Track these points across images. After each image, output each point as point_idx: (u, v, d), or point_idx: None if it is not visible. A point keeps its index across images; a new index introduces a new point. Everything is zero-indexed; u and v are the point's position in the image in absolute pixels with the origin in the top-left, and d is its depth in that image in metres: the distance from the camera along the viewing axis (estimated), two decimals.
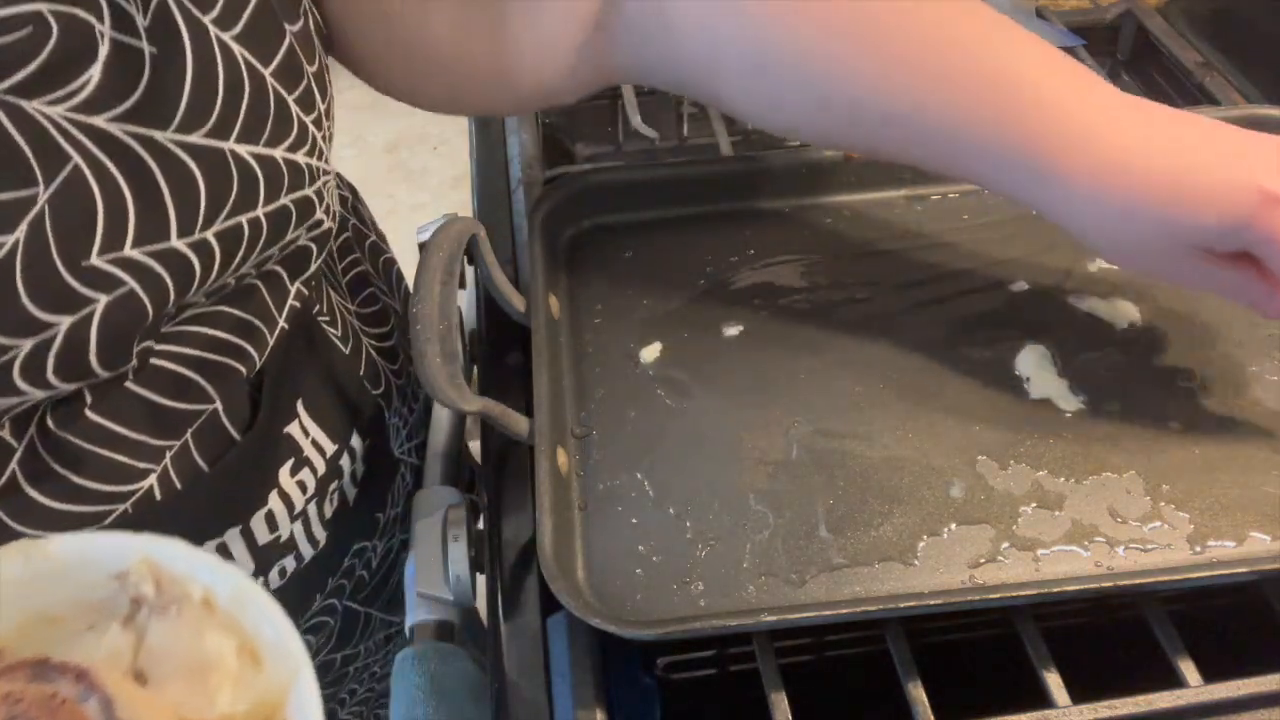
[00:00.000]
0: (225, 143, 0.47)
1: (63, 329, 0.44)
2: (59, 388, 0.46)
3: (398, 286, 0.79)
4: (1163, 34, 0.91)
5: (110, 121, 0.43)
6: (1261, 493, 0.57)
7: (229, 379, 0.55)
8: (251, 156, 0.48)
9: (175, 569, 0.42)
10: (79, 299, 0.44)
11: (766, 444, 0.61)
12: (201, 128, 0.46)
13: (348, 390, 0.66)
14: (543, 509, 0.55)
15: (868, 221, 0.74)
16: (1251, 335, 0.65)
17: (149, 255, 0.45)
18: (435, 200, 2.47)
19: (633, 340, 0.67)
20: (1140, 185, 0.52)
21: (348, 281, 0.70)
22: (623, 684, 0.56)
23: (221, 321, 0.54)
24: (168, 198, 0.45)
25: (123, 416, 0.51)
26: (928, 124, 0.55)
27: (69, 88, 0.42)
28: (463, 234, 0.63)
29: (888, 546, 0.55)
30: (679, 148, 0.93)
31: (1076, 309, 0.67)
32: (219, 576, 0.42)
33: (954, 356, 0.65)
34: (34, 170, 0.42)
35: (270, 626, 0.42)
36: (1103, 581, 0.52)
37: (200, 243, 0.47)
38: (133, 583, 0.42)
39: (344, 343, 0.65)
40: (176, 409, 0.53)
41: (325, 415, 0.63)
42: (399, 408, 0.74)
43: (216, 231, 0.48)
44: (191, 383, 0.53)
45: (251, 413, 0.57)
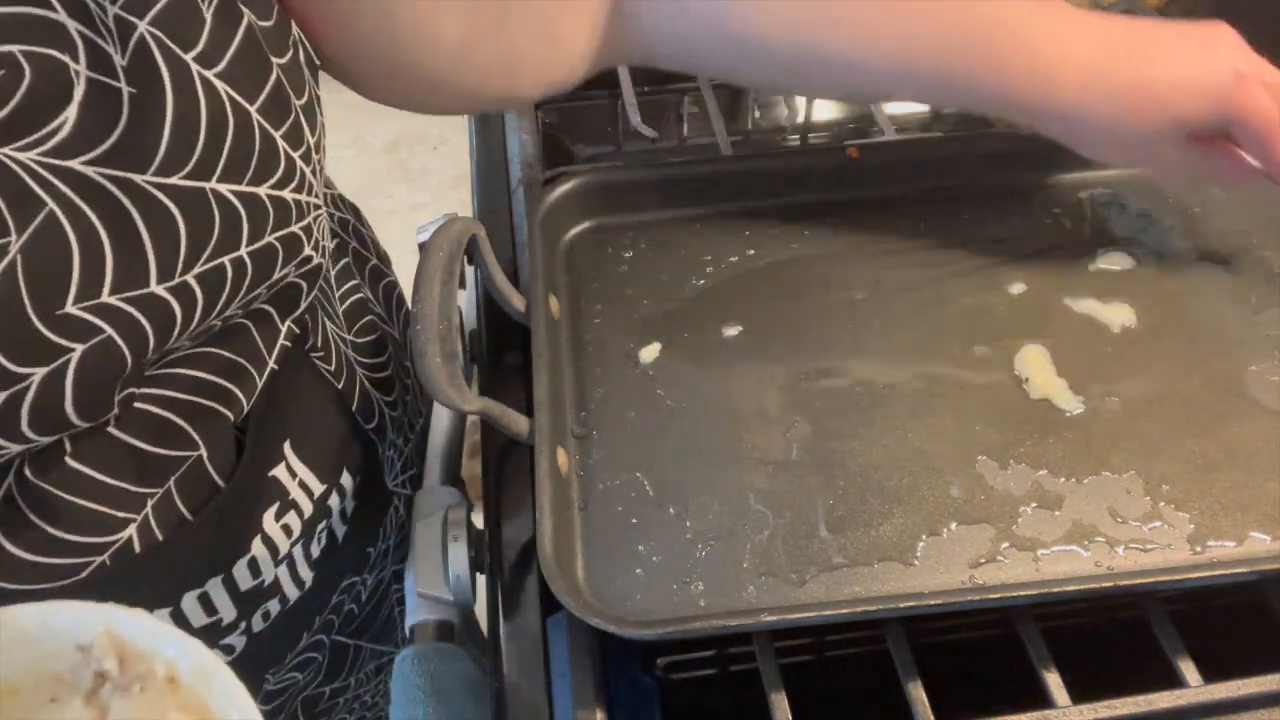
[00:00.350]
0: (207, 183, 0.45)
1: (36, 380, 0.42)
2: (35, 440, 0.44)
3: (398, 312, 0.77)
4: None
5: (86, 165, 0.41)
6: (1261, 493, 0.57)
7: (214, 423, 0.53)
8: (234, 195, 0.46)
9: (139, 643, 0.41)
10: (53, 349, 0.42)
11: (766, 444, 0.61)
12: (182, 169, 0.44)
13: (338, 427, 0.63)
14: (543, 509, 0.55)
15: (868, 221, 0.74)
16: (1250, 335, 0.65)
17: (127, 302, 0.44)
18: (435, 200, 2.47)
19: (633, 340, 0.67)
20: (1124, 91, 0.58)
21: (345, 310, 0.67)
22: (623, 684, 0.56)
23: (208, 363, 0.52)
24: (146, 242, 0.44)
25: (105, 464, 0.49)
26: (920, 77, 0.61)
27: (43, 131, 0.40)
28: (463, 234, 0.63)
29: (887, 546, 0.55)
30: (679, 148, 0.93)
31: (1075, 310, 0.67)
32: (183, 651, 0.41)
33: (954, 356, 0.65)
34: (4, 219, 0.40)
35: (236, 709, 0.40)
36: (1103, 581, 0.52)
37: (180, 286, 0.45)
38: (96, 656, 0.41)
39: (337, 377, 0.63)
40: (160, 455, 0.51)
41: (314, 455, 0.60)
42: (393, 440, 0.71)
43: (198, 274, 0.46)
44: (176, 428, 0.51)
45: (236, 457, 0.55)
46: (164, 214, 0.44)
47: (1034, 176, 0.76)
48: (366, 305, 0.70)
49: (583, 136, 0.94)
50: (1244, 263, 0.70)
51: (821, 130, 0.97)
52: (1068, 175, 0.76)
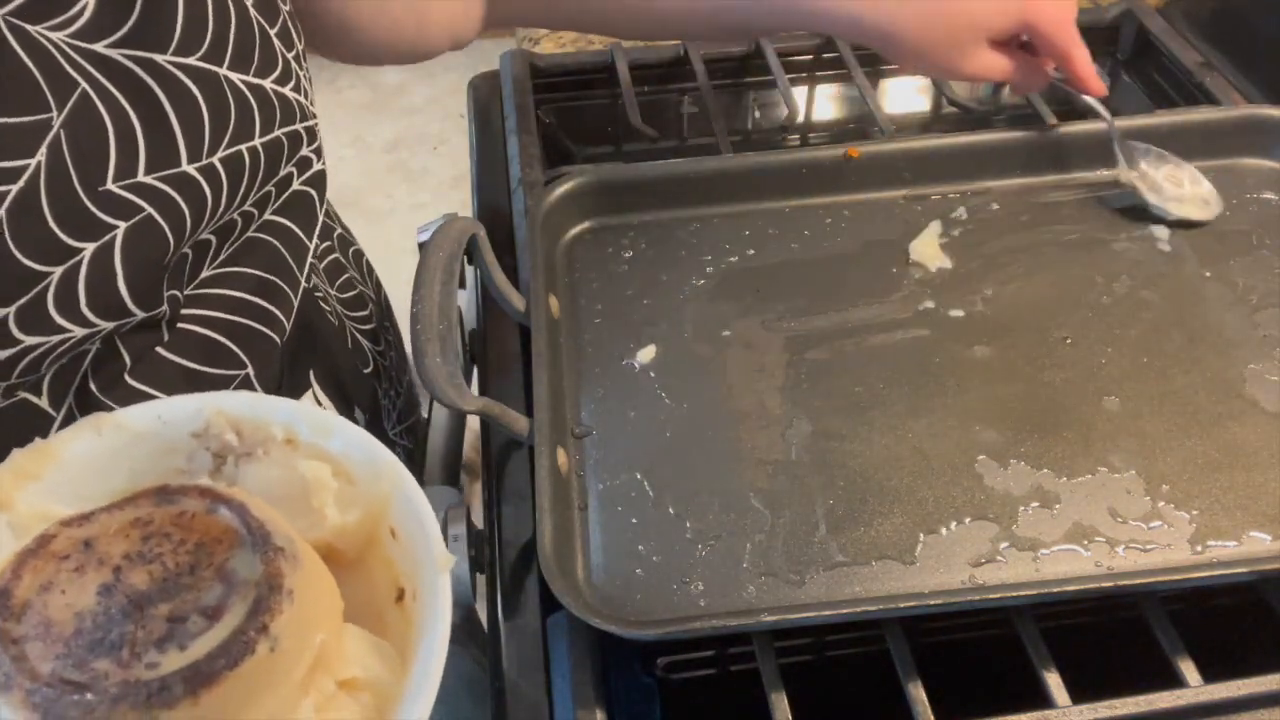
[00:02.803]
0: (220, 68, 0.49)
1: (88, 255, 0.45)
2: (96, 324, 0.47)
3: (369, 275, 0.82)
4: (1163, 34, 0.91)
5: (110, 47, 0.45)
6: (1261, 493, 0.57)
7: (258, 343, 0.57)
8: (245, 85, 0.51)
9: (253, 416, 0.44)
10: (100, 225, 0.45)
11: (766, 444, 0.61)
12: (197, 50, 0.48)
13: (344, 365, 0.68)
14: (543, 509, 0.55)
15: (868, 221, 0.74)
16: (1249, 336, 0.65)
17: (163, 181, 0.47)
18: (435, 200, 2.47)
19: (632, 341, 0.67)
20: (935, 4, 0.67)
21: (325, 268, 0.71)
22: (623, 684, 0.56)
23: (245, 283, 0.56)
24: (175, 123, 0.47)
25: (160, 381, 0.53)
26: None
27: (66, 14, 0.44)
28: (463, 234, 0.64)
29: (887, 546, 0.55)
30: (679, 148, 0.92)
31: (1076, 307, 0.67)
32: (296, 415, 0.44)
33: (954, 356, 0.65)
34: (46, 96, 0.43)
35: (358, 449, 0.44)
36: (1103, 581, 0.52)
37: (209, 168, 0.49)
38: (213, 435, 0.44)
39: (334, 321, 0.68)
40: (210, 374, 0.55)
41: (331, 386, 0.65)
42: (387, 388, 0.76)
43: (222, 158, 0.50)
44: (223, 348, 0.55)
45: (280, 379, 0.59)
46: (186, 95, 0.48)
47: (1034, 176, 0.76)
48: (343, 264, 0.75)
49: (583, 136, 0.94)
50: (1244, 263, 0.70)
51: (821, 130, 0.97)
52: (1068, 175, 0.76)
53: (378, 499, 0.43)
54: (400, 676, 0.40)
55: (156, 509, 0.39)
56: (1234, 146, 0.76)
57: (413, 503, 0.42)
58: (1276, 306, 0.66)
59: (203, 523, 0.39)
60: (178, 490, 0.40)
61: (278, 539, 0.38)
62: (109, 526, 0.39)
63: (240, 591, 0.37)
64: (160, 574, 0.37)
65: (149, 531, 0.38)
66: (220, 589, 0.37)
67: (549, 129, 0.92)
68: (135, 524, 0.39)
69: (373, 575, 0.44)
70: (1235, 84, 0.85)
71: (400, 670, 0.40)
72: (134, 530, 0.38)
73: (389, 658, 0.41)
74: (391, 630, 0.42)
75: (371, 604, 0.43)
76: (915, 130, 0.92)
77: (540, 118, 0.87)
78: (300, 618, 0.37)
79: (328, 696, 0.38)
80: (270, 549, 0.38)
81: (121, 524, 0.39)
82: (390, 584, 0.43)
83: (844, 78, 0.91)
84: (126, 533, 0.38)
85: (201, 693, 0.34)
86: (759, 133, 0.98)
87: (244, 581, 0.37)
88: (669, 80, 0.93)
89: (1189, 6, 0.95)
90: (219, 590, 0.37)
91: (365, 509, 0.43)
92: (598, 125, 0.94)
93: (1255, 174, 0.76)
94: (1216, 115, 0.77)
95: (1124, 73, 0.95)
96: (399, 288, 0.78)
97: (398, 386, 0.80)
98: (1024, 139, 0.76)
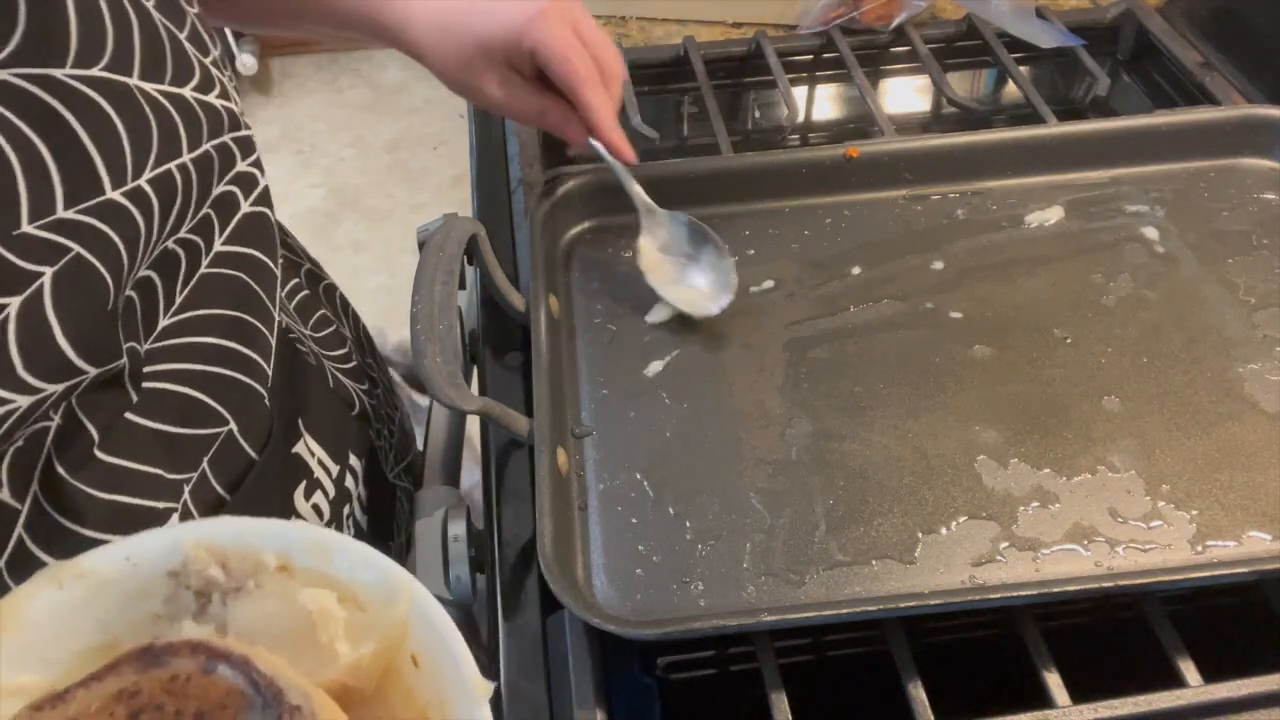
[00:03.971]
0: (130, 78, 0.44)
1: (13, 310, 0.40)
2: (41, 389, 0.42)
3: (345, 310, 0.77)
4: (1163, 34, 0.91)
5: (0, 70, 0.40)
6: (1261, 492, 0.57)
7: (239, 393, 0.53)
8: (162, 96, 0.46)
9: (238, 544, 0.38)
10: (21, 275, 0.40)
11: (766, 444, 0.61)
12: (99, 60, 0.42)
13: (331, 410, 0.64)
14: (543, 509, 0.55)
15: (868, 221, 0.74)
16: (1249, 336, 0.65)
17: (88, 213, 0.42)
18: (435, 200, 2.47)
19: (633, 340, 0.67)
20: (444, 14, 0.65)
21: (296, 306, 0.67)
22: (623, 684, 0.56)
23: (216, 327, 0.52)
24: (90, 147, 0.42)
25: (135, 451, 0.48)
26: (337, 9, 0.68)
27: None
28: (463, 234, 0.64)
29: (887, 546, 0.55)
30: (679, 148, 0.92)
31: (1076, 308, 0.67)
32: (289, 537, 0.39)
33: (954, 356, 0.65)
34: None
35: (365, 568, 0.38)
36: (1103, 581, 0.52)
37: (136, 192, 0.44)
38: (194, 572, 0.38)
39: (313, 362, 0.64)
40: (189, 435, 0.51)
41: (323, 434, 0.61)
42: (379, 428, 0.72)
43: (150, 179, 0.45)
44: (198, 404, 0.51)
45: (268, 433, 0.55)
46: (97, 112, 0.42)
47: (1034, 176, 0.76)
48: (315, 300, 0.70)
49: None
50: (1243, 263, 0.70)
51: (821, 130, 0.97)
52: (1068, 175, 0.76)
53: (394, 625, 0.38)
54: None
55: (143, 676, 0.34)
56: (1234, 146, 0.76)
57: (435, 625, 0.37)
58: (1276, 306, 0.66)
59: (200, 686, 0.34)
60: (165, 650, 0.34)
61: (291, 696, 0.33)
62: (88, 704, 0.33)
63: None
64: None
65: (137, 706, 0.33)
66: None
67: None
68: (120, 698, 0.33)
69: (393, 711, 0.38)
70: (1235, 84, 0.85)
71: None
72: (119, 706, 0.33)
73: None
74: None
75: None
76: (915, 130, 0.92)
77: None
78: None
79: None
80: (284, 710, 0.33)
81: (104, 699, 0.33)
82: (417, 719, 0.38)
83: (844, 78, 0.91)
84: (110, 710, 0.33)
85: None
86: (759, 133, 0.98)
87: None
88: (669, 80, 0.93)
89: (1189, 6, 0.94)
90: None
91: (381, 638, 0.38)
92: None
93: (1255, 174, 0.76)
94: (1216, 115, 0.77)
95: (1124, 73, 0.95)
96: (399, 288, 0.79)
97: (390, 425, 0.75)
98: (1024, 139, 0.76)
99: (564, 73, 0.63)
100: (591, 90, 0.64)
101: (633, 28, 1.01)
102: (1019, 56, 0.91)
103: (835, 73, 0.94)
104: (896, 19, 0.92)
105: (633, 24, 1.01)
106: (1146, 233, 0.72)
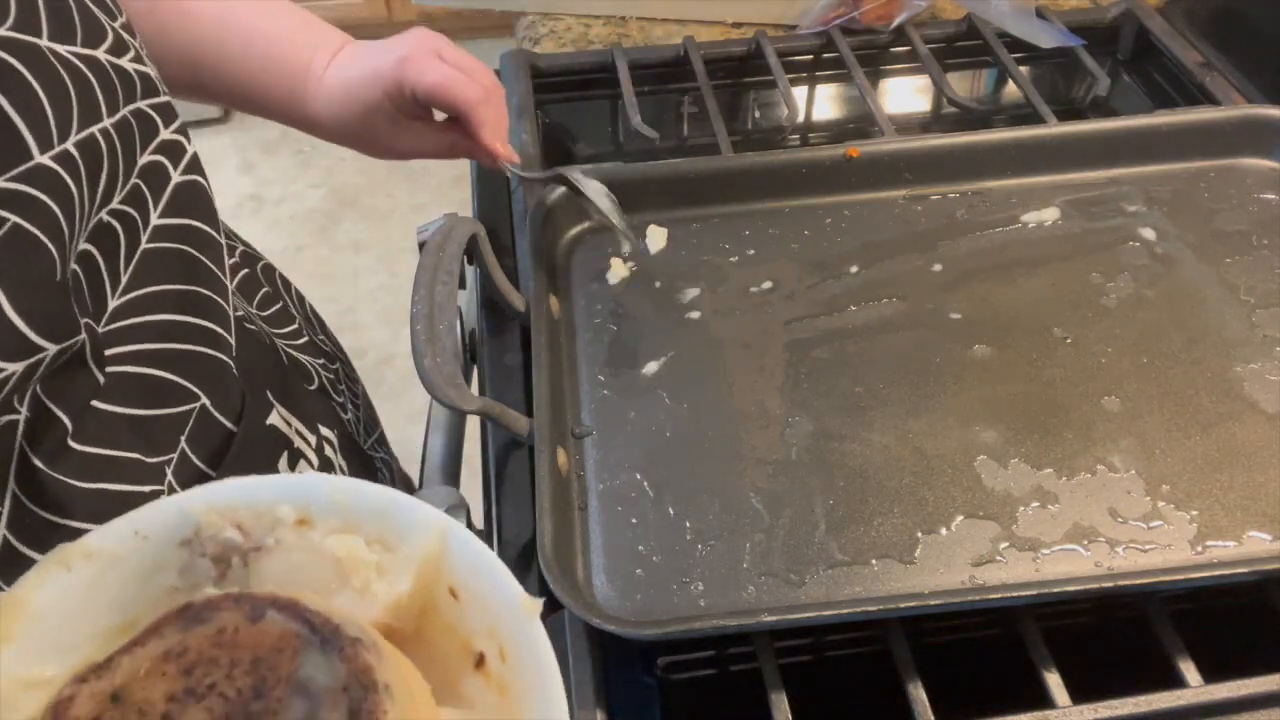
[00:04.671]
0: (39, 39, 0.43)
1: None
2: (1, 369, 0.41)
3: (288, 289, 0.77)
4: (1163, 34, 0.91)
5: None
6: (1262, 493, 0.57)
7: (205, 367, 0.52)
8: (75, 58, 0.45)
9: (251, 502, 0.37)
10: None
11: (766, 444, 0.61)
12: (4, 21, 0.42)
13: (292, 384, 0.65)
14: (543, 509, 0.55)
15: (868, 221, 0.74)
16: (1249, 336, 0.65)
17: (19, 180, 0.41)
18: (435, 200, 2.47)
19: (633, 340, 0.67)
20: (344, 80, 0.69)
21: (238, 285, 0.66)
22: (623, 684, 0.56)
23: (168, 302, 0.51)
24: (9, 110, 0.41)
25: (108, 438, 0.48)
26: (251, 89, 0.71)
27: None
28: (463, 234, 0.63)
29: (887, 546, 0.55)
30: (679, 148, 0.92)
31: (1076, 308, 0.67)
32: (303, 489, 0.37)
33: (954, 356, 0.65)
34: None
35: (387, 508, 0.37)
36: (1103, 581, 0.52)
37: (64, 156, 0.43)
38: (209, 538, 0.37)
39: (266, 340, 0.64)
40: (160, 416, 0.50)
41: (293, 405, 0.61)
42: (341, 401, 0.74)
43: (76, 143, 0.44)
44: (164, 383, 0.50)
45: (242, 404, 0.55)
46: (12, 73, 0.42)
47: (1034, 176, 0.76)
48: (256, 280, 0.70)
49: (583, 136, 0.94)
50: (1243, 263, 0.70)
51: (821, 130, 0.97)
52: (1068, 175, 0.76)
53: (429, 558, 0.37)
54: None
55: (187, 634, 0.33)
56: (1234, 146, 0.76)
57: (472, 551, 0.36)
58: (1276, 306, 0.66)
59: (250, 636, 0.32)
60: (205, 606, 0.33)
61: (349, 629, 0.32)
62: (136, 669, 0.32)
63: (328, 702, 0.31)
64: (223, 709, 0.31)
65: (188, 663, 0.32)
66: (302, 705, 0.31)
67: (549, 129, 0.92)
68: (167, 658, 0.32)
69: (435, 648, 0.38)
70: (1235, 84, 0.85)
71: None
72: (169, 666, 0.32)
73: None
74: (479, 703, 0.36)
75: (444, 680, 0.37)
76: (915, 130, 0.92)
77: (540, 118, 0.87)
78: (404, 717, 0.32)
79: None
80: (345, 643, 0.32)
81: (151, 661, 0.32)
82: (460, 652, 0.37)
83: (844, 78, 0.91)
84: (161, 671, 0.32)
85: None
86: (759, 133, 0.98)
87: (327, 690, 0.31)
88: (669, 80, 0.93)
89: (1189, 6, 0.95)
90: (301, 708, 0.31)
91: (417, 573, 0.37)
92: (598, 125, 0.94)
93: (1255, 174, 0.76)
94: (1216, 115, 0.77)
95: (1124, 73, 0.95)
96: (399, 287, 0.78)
97: (354, 399, 0.76)
98: (1024, 139, 0.76)
99: (450, 101, 0.67)
100: (484, 108, 0.68)
101: (633, 28, 1.01)
102: (1019, 56, 0.91)
103: (835, 73, 0.94)
104: (896, 19, 0.92)
105: (633, 24, 1.01)
106: (1146, 233, 0.72)
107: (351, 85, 0.68)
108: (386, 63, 0.67)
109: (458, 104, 0.67)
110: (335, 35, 0.72)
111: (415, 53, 0.67)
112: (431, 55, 0.67)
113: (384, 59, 0.67)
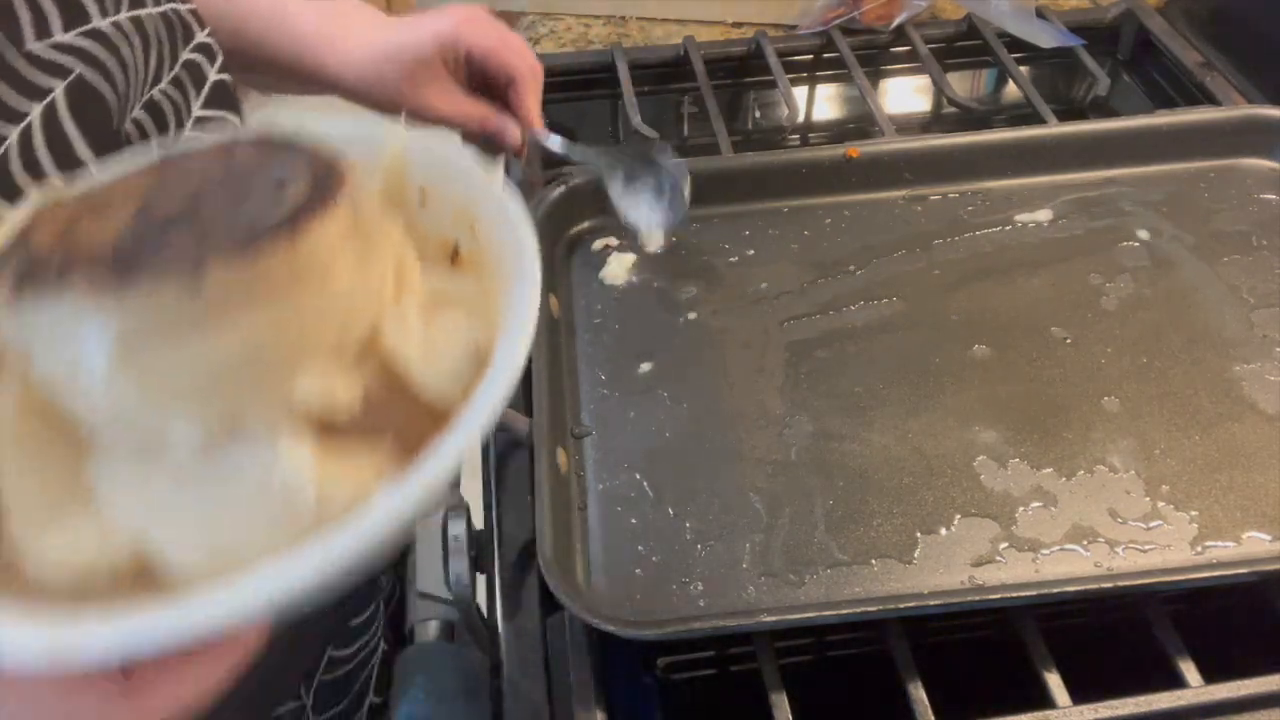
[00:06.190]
0: None
1: (36, 117, 0.46)
2: None
3: None
4: (1163, 34, 0.91)
5: None
6: (1261, 493, 0.57)
7: None
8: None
9: None
10: (35, 89, 0.46)
11: (766, 444, 0.61)
12: None
13: None
14: (543, 509, 0.55)
15: (868, 221, 0.74)
16: (1249, 336, 0.65)
17: (84, 37, 0.48)
18: None
19: (633, 340, 0.67)
20: (381, 41, 0.68)
21: None
22: (623, 684, 0.56)
23: None
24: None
25: None
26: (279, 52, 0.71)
27: None
28: None
29: (887, 546, 0.55)
30: (679, 148, 0.92)
31: (1075, 308, 0.67)
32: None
33: (953, 356, 0.65)
34: None
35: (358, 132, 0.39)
36: (1103, 582, 0.52)
37: (119, 24, 0.50)
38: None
39: None
40: None
41: None
42: None
43: (128, 17, 0.50)
44: None
45: None
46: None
47: (1034, 176, 0.76)
48: None
49: (583, 136, 0.94)
50: (1242, 263, 0.70)
51: (821, 130, 0.97)
52: (1068, 176, 0.76)
53: (394, 159, 0.39)
54: (492, 298, 0.35)
55: (165, 169, 0.34)
56: (1234, 146, 0.76)
57: (434, 151, 0.38)
58: (1275, 306, 0.66)
59: (217, 159, 0.33)
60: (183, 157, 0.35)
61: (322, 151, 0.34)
62: (115, 188, 0.33)
63: (296, 177, 0.32)
64: (197, 184, 0.32)
65: (165, 176, 0.33)
66: (278, 172, 0.32)
67: (549, 129, 0.92)
68: (146, 174, 0.33)
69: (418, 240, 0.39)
70: (1235, 84, 0.85)
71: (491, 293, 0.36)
72: (146, 179, 0.33)
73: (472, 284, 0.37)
74: (462, 300, 0.37)
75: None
76: (915, 130, 0.92)
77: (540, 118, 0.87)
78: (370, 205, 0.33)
79: (424, 307, 0.34)
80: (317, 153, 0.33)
81: (131, 181, 0.33)
82: (438, 253, 0.39)
83: (844, 78, 0.91)
84: (139, 182, 0.33)
85: (300, 235, 0.30)
86: (759, 133, 0.98)
87: (299, 164, 0.33)
88: (669, 80, 0.93)
89: (1189, 6, 0.95)
90: (269, 184, 0.32)
91: (385, 171, 0.39)
92: (598, 125, 0.94)
93: (1255, 174, 0.76)
94: (1216, 115, 0.77)
95: (1124, 73, 0.95)
96: None
97: None
98: (1024, 139, 0.76)
99: (504, 64, 0.68)
100: (533, 80, 0.70)
101: (633, 28, 1.01)
102: (1019, 56, 0.91)
103: (835, 73, 0.94)
104: (897, 19, 0.92)
105: (633, 24, 1.02)
106: (1146, 233, 0.72)
107: (404, 39, 0.69)
108: (444, 21, 0.69)
109: (510, 68, 0.69)
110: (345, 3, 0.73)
111: (476, 15, 0.69)
112: (489, 23, 0.70)
113: (439, 19, 0.69)
